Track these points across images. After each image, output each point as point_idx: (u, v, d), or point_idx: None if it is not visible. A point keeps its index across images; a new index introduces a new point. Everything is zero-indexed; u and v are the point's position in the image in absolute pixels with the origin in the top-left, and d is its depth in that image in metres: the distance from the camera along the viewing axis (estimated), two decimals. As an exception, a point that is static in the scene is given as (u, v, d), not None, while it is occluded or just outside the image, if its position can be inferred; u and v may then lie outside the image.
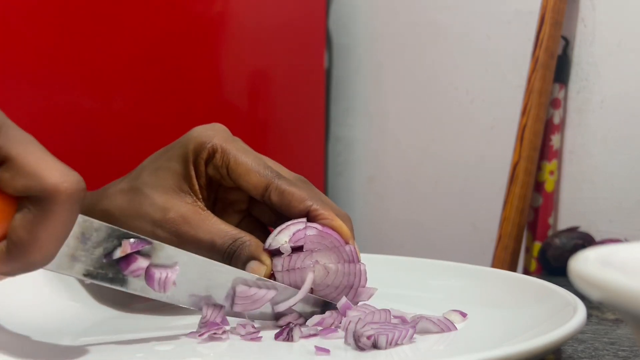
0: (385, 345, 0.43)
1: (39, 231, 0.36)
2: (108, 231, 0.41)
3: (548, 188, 0.91)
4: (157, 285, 0.43)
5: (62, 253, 0.39)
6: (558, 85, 0.91)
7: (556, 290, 0.50)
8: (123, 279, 0.42)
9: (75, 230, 0.40)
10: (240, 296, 0.46)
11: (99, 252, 0.41)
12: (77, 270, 0.41)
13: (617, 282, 0.26)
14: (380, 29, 1.14)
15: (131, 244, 0.41)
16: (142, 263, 0.42)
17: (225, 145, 0.49)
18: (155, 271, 0.43)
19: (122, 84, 0.86)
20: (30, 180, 0.35)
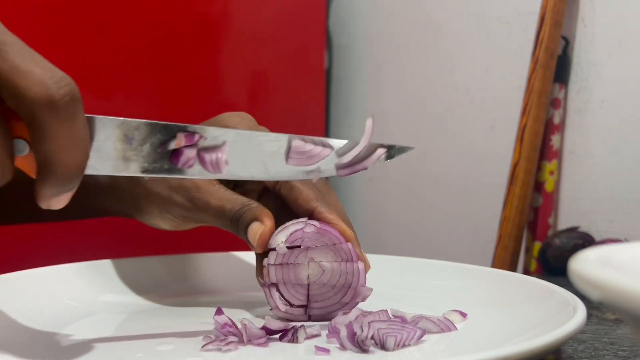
0: (393, 347, 0.43)
1: (47, 149, 0.35)
2: (148, 127, 0.42)
3: (548, 188, 0.91)
4: (211, 167, 0.44)
5: (115, 156, 0.41)
6: (558, 85, 0.91)
7: (556, 290, 0.50)
8: (179, 169, 0.43)
9: (117, 133, 0.41)
10: (296, 151, 0.46)
11: (148, 148, 0.42)
12: (134, 169, 0.42)
13: (617, 282, 0.26)
14: (380, 29, 1.14)
15: (185, 136, 0.43)
16: (190, 152, 0.43)
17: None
18: (206, 155, 0.44)
19: (122, 84, 0.86)
20: (13, 99, 0.34)
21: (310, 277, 0.50)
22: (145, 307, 0.56)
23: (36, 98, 0.34)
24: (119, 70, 0.86)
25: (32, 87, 0.34)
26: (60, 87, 0.35)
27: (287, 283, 0.49)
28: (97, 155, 0.40)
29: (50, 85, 0.34)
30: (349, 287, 0.50)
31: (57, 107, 0.34)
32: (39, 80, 0.34)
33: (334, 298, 0.50)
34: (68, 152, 0.36)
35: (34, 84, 0.34)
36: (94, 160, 0.40)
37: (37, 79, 0.34)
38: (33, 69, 0.34)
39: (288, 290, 0.50)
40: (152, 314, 0.54)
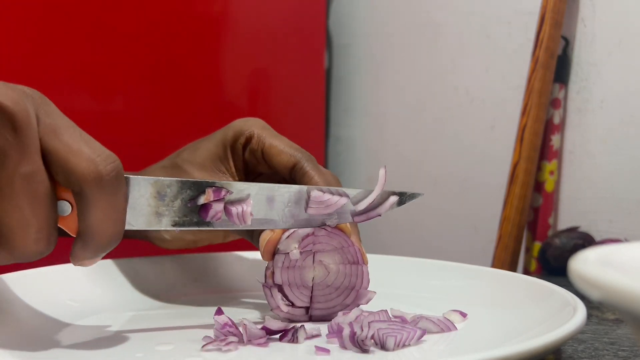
0: (393, 347, 0.43)
1: (90, 219, 0.39)
2: (179, 184, 0.45)
3: (548, 188, 0.91)
4: (237, 220, 0.47)
5: (148, 212, 0.44)
6: (558, 85, 0.91)
7: (556, 290, 0.50)
8: (207, 222, 0.46)
9: (151, 191, 0.44)
10: (315, 200, 0.49)
11: (179, 204, 0.45)
12: (165, 224, 0.45)
13: (617, 282, 0.26)
14: (380, 29, 1.14)
15: (213, 191, 0.46)
16: (218, 206, 0.46)
17: (261, 132, 0.53)
18: (232, 208, 0.47)
19: (122, 84, 0.86)
20: (64, 174, 0.38)
21: (316, 278, 0.50)
22: (145, 307, 0.56)
23: (85, 173, 0.37)
24: (118, 70, 0.86)
25: (82, 164, 0.37)
26: (107, 164, 0.38)
27: (292, 284, 0.49)
28: (132, 212, 0.43)
29: (98, 162, 0.38)
30: (352, 289, 0.50)
31: (103, 183, 0.38)
32: (88, 157, 0.38)
33: (337, 299, 0.50)
34: (109, 223, 0.39)
35: (84, 161, 0.38)
36: (129, 216, 0.43)
37: (87, 157, 0.38)
38: (83, 148, 0.38)
39: (292, 292, 0.50)
40: (152, 314, 0.54)
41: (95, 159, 0.38)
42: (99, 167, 0.38)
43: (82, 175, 0.37)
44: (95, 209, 0.39)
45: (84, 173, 0.37)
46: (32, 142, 0.37)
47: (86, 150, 0.38)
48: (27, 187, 0.37)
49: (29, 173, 0.37)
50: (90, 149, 0.38)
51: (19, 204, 0.37)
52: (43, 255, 0.39)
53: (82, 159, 0.38)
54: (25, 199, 0.37)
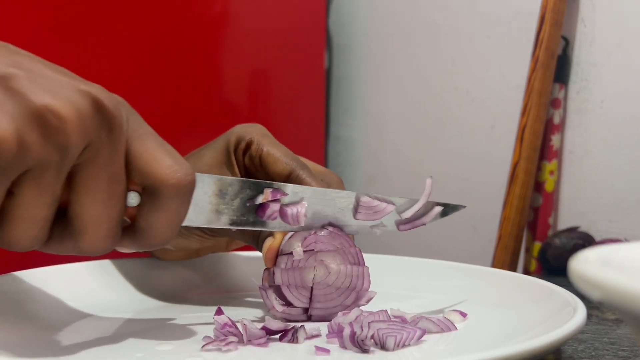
0: (393, 347, 0.43)
1: (154, 220, 0.40)
2: (240, 183, 0.47)
3: (548, 188, 0.91)
4: (291, 221, 0.49)
5: (209, 210, 0.46)
6: (558, 85, 0.91)
7: (556, 290, 0.50)
8: (263, 222, 0.48)
9: (213, 189, 0.46)
10: (364, 206, 0.51)
11: (238, 203, 0.47)
12: (224, 222, 0.47)
13: (617, 282, 0.26)
14: (380, 29, 1.14)
15: (271, 191, 0.48)
16: (275, 206, 0.48)
17: (260, 138, 0.54)
18: (287, 209, 0.49)
19: (122, 83, 0.86)
20: (143, 177, 0.40)
21: (316, 277, 0.50)
22: (146, 307, 0.56)
23: (165, 178, 0.40)
24: (118, 70, 0.86)
25: (164, 169, 0.40)
26: (187, 174, 0.40)
27: (291, 285, 0.49)
28: (194, 208, 0.44)
29: (178, 170, 0.40)
30: (353, 289, 0.50)
31: (179, 190, 0.40)
32: (171, 164, 0.40)
33: (337, 300, 0.50)
34: (168, 228, 0.41)
35: (166, 167, 0.40)
36: (191, 212, 0.44)
37: (170, 164, 0.40)
38: (167, 155, 0.40)
39: (292, 292, 0.50)
40: (152, 314, 0.54)
41: (176, 167, 0.40)
42: (179, 175, 0.40)
43: (162, 179, 0.39)
44: (163, 212, 0.40)
45: (164, 177, 0.39)
46: (122, 144, 0.39)
47: (169, 157, 0.40)
48: (107, 185, 0.39)
49: (112, 173, 0.39)
50: (173, 157, 0.40)
51: (96, 199, 0.39)
52: (105, 252, 0.40)
53: (164, 165, 0.40)
54: (103, 196, 0.39)
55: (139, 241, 0.41)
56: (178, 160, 0.40)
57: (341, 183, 0.55)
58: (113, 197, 0.39)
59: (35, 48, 0.78)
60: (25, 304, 0.51)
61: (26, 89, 0.36)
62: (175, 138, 0.95)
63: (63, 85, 0.37)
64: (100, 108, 0.38)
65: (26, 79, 0.36)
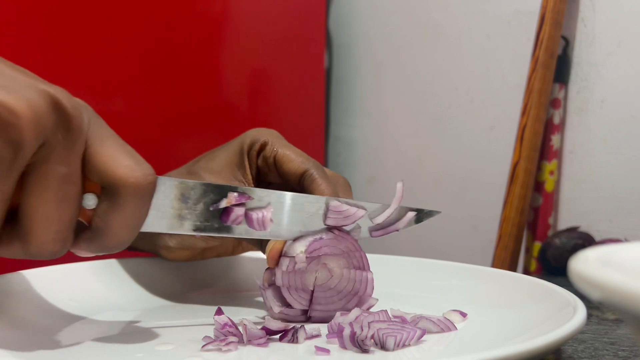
0: (393, 347, 0.43)
1: (111, 220, 0.40)
2: (203, 187, 0.45)
3: (548, 188, 0.91)
4: (257, 226, 0.47)
5: (170, 215, 0.44)
6: (558, 85, 0.91)
7: (556, 290, 0.50)
8: (228, 227, 0.47)
9: (175, 193, 0.44)
10: (334, 210, 0.50)
11: (201, 208, 0.45)
12: (187, 228, 0.45)
13: (617, 282, 0.26)
14: (380, 29, 1.14)
15: (235, 196, 0.46)
16: (239, 211, 0.47)
17: (275, 140, 0.55)
18: (252, 213, 0.47)
19: (122, 84, 0.86)
20: (102, 175, 0.39)
21: (318, 280, 0.50)
22: (145, 307, 0.56)
23: (124, 177, 0.39)
24: (118, 70, 0.86)
25: (123, 169, 0.39)
26: (146, 175, 0.40)
27: (291, 287, 0.49)
28: (155, 213, 0.43)
29: (138, 170, 0.39)
30: (355, 294, 0.50)
31: (138, 190, 0.39)
32: (130, 165, 0.39)
33: (338, 303, 0.50)
34: (126, 229, 0.40)
35: (126, 167, 0.39)
36: (152, 218, 0.43)
37: (129, 164, 0.39)
38: (127, 156, 0.40)
39: (291, 295, 0.50)
40: (152, 314, 0.54)
41: (135, 167, 0.39)
42: (137, 174, 0.39)
43: (120, 178, 0.39)
44: (120, 212, 0.40)
45: (122, 176, 0.39)
46: (79, 145, 0.38)
47: (128, 157, 0.40)
48: (59, 186, 0.38)
49: (66, 173, 0.38)
50: (133, 158, 0.40)
51: (47, 200, 0.38)
52: (55, 256, 0.40)
53: (123, 164, 0.39)
54: (54, 197, 0.38)
55: (95, 242, 0.41)
56: (137, 161, 0.40)
57: (348, 186, 0.56)
58: (65, 198, 0.38)
59: (36, 49, 0.78)
60: (25, 304, 0.51)
61: None
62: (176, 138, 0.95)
63: (20, 84, 0.37)
64: (57, 107, 0.37)
65: None
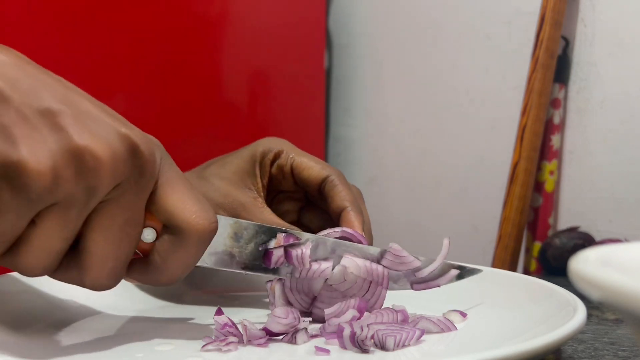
0: (392, 347, 0.43)
1: (169, 259, 0.41)
2: (255, 228, 0.46)
3: (548, 188, 0.91)
4: (296, 262, 0.47)
5: (222, 252, 0.45)
6: (558, 85, 0.91)
7: (556, 290, 0.50)
8: (273, 269, 0.47)
9: (229, 231, 0.46)
10: (393, 252, 0.50)
11: (252, 247, 0.46)
12: (236, 265, 0.46)
13: (617, 282, 0.26)
14: (380, 29, 1.14)
15: (284, 237, 0.47)
16: (279, 252, 0.47)
17: (289, 148, 0.56)
18: (292, 250, 0.47)
19: (122, 84, 0.86)
20: (169, 217, 0.41)
21: (331, 279, 0.49)
22: (146, 307, 0.56)
23: (191, 223, 0.40)
24: (118, 70, 0.86)
25: (191, 215, 0.40)
26: (211, 223, 0.41)
27: (293, 289, 0.49)
28: (208, 250, 0.44)
29: (205, 218, 0.41)
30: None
31: (202, 236, 0.41)
32: (199, 210, 0.41)
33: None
34: (182, 268, 0.42)
35: (193, 213, 0.40)
36: (205, 254, 0.43)
37: (197, 210, 0.41)
38: (194, 202, 0.41)
39: (293, 295, 0.50)
40: (152, 314, 0.54)
41: (202, 214, 0.41)
42: (204, 222, 0.40)
43: (188, 223, 0.40)
44: (181, 253, 0.41)
45: (190, 222, 0.40)
46: (148, 189, 0.40)
47: (197, 203, 0.41)
48: (123, 227, 0.39)
49: (131, 217, 0.39)
50: (200, 203, 0.41)
51: (108, 238, 0.39)
52: (106, 289, 0.41)
53: (192, 210, 0.40)
54: (116, 237, 0.39)
55: (149, 276, 0.42)
56: (204, 207, 0.41)
57: (362, 196, 0.57)
58: (125, 238, 0.40)
59: (36, 49, 0.78)
60: (25, 304, 0.51)
61: (70, 127, 0.37)
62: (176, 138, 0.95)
63: (104, 126, 0.38)
64: (135, 153, 0.39)
65: (72, 117, 0.37)
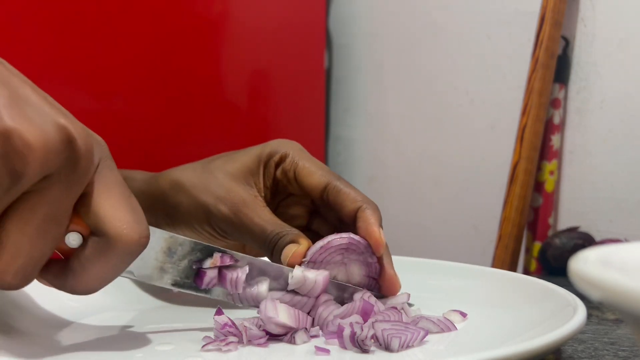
0: (397, 348, 0.43)
1: (89, 267, 0.39)
2: (191, 245, 0.45)
3: (548, 188, 0.91)
4: (230, 286, 0.46)
5: (152, 266, 0.44)
6: (558, 85, 0.91)
7: (556, 290, 0.50)
8: (204, 289, 0.46)
9: (162, 245, 0.44)
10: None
11: (185, 264, 0.45)
12: (166, 281, 0.45)
13: (617, 282, 0.26)
14: (380, 29, 1.14)
15: (220, 256, 0.46)
16: (212, 273, 0.46)
17: (296, 153, 0.54)
18: (227, 272, 0.46)
19: (122, 84, 0.86)
20: (98, 223, 0.38)
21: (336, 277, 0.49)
22: (146, 307, 0.56)
23: (121, 234, 0.38)
24: (118, 71, 0.86)
25: (122, 225, 0.38)
26: (142, 237, 0.39)
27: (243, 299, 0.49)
28: (138, 262, 0.42)
29: (137, 231, 0.39)
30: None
31: (129, 249, 0.39)
32: (130, 222, 0.38)
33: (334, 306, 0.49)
34: (103, 279, 0.40)
35: (125, 223, 0.38)
36: (133, 265, 0.41)
37: (129, 221, 0.38)
38: (128, 212, 0.39)
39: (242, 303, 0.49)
40: (152, 314, 0.54)
41: (135, 226, 0.39)
42: (134, 235, 0.38)
43: (117, 233, 0.38)
44: (103, 263, 0.39)
45: (119, 232, 0.38)
46: (78, 187, 0.37)
47: (131, 213, 0.39)
48: (42, 223, 0.37)
49: (54, 213, 0.37)
50: (135, 214, 0.39)
51: (24, 232, 0.36)
52: (10, 289, 0.38)
53: (124, 219, 0.38)
54: (32, 232, 0.37)
55: (64, 281, 0.40)
56: (138, 218, 0.39)
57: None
58: (43, 236, 0.37)
59: (37, 50, 0.78)
60: (25, 304, 0.50)
61: (3, 108, 0.35)
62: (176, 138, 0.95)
63: (41, 114, 0.36)
64: (70, 145, 0.36)
65: (7, 99, 0.35)
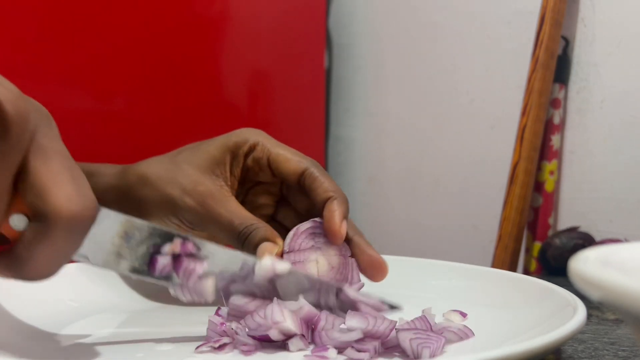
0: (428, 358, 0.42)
1: (35, 250, 0.35)
2: (149, 230, 0.42)
3: (548, 188, 0.91)
4: (180, 275, 0.43)
5: (109, 251, 0.40)
6: (558, 85, 0.91)
7: (556, 290, 0.50)
8: (162, 275, 0.43)
9: (118, 230, 0.40)
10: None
11: (143, 250, 0.42)
12: (123, 267, 0.41)
13: (617, 282, 0.26)
14: (380, 29, 1.14)
15: (181, 243, 0.42)
16: (165, 260, 0.42)
17: (265, 141, 0.54)
18: (184, 261, 0.43)
19: (122, 84, 0.86)
20: (35, 198, 0.35)
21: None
22: (145, 307, 0.56)
23: (60, 209, 0.34)
24: (118, 71, 0.86)
25: (61, 198, 0.34)
26: (86, 209, 0.35)
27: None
28: (92, 246, 0.39)
29: (77, 203, 0.35)
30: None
31: (72, 225, 0.35)
32: (69, 194, 0.35)
33: None
34: (51, 264, 0.36)
35: (64, 196, 0.34)
36: (87, 249, 0.39)
37: (68, 193, 0.35)
38: (68, 182, 0.35)
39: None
40: (152, 314, 0.54)
41: (75, 198, 0.35)
42: (75, 207, 0.35)
43: (55, 207, 0.34)
44: (47, 245, 0.35)
45: (57, 205, 0.34)
46: (12, 157, 0.34)
47: (71, 184, 0.35)
48: None
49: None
50: (76, 185, 0.35)
51: None
52: None
53: (62, 191, 0.34)
54: None
55: (14, 270, 0.36)
56: (80, 190, 0.35)
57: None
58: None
59: (36, 48, 0.78)
60: (25, 304, 0.50)
61: None
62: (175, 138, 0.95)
63: None
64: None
65: None
